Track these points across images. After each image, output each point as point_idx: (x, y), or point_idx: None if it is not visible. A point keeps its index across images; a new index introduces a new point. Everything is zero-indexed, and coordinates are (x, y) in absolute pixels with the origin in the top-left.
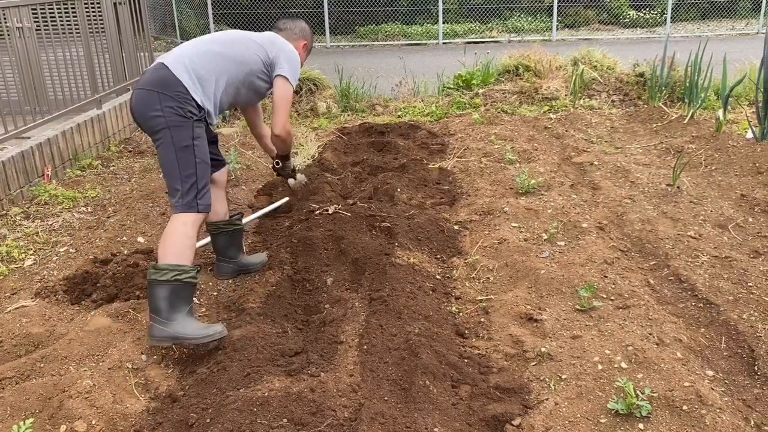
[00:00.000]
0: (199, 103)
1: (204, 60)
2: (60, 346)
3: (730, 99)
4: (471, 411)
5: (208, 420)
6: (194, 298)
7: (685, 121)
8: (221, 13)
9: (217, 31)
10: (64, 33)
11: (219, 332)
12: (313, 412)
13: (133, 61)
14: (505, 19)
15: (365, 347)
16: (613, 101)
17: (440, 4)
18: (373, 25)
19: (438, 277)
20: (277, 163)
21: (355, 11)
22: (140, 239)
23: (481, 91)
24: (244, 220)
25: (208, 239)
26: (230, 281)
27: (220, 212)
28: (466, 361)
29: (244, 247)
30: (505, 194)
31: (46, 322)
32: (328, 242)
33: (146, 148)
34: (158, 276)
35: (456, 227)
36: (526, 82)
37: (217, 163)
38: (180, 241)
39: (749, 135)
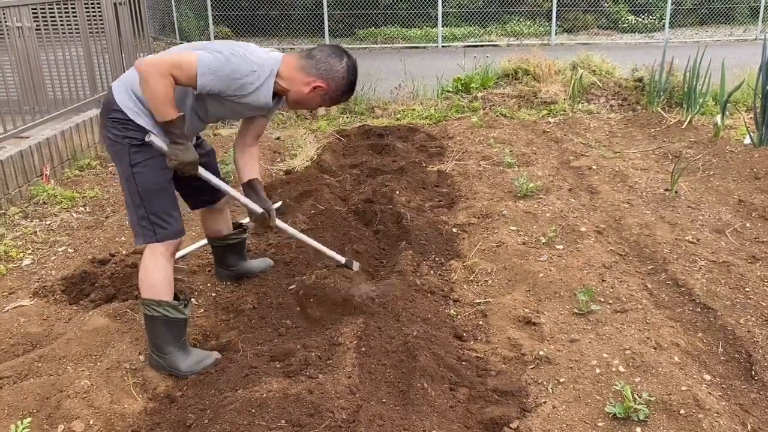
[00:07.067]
0: (144, 126)
1: None
2: (58, 345)
3: (728, 105)
4: (469, 414)
5: (206, 421)
6: (192, 299)
7: (683, 127)
8: (221, 15)
9: (215, 30)
10: (63, 33)
11: (211, 363)
12: (311, 413)
13: (133, 62)
14: (504, 23)
15: (363, 349)
16: (611, 106)
17: (440, 7)
18: (373, 27)
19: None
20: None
21: (355, 14)
22: None
23: (480, 94)
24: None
25: (205, 240)
26: (229, 282)
27: (214, 232)
28: (464, 363)
29: (246, 255)
30: (504, 197)
31: (44, 322)
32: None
33: None
34: (146, 311)
35: (455, 230)
36: (525, 86)
37: (205, 198)
38: (153, 276)
39: (747, 141)
